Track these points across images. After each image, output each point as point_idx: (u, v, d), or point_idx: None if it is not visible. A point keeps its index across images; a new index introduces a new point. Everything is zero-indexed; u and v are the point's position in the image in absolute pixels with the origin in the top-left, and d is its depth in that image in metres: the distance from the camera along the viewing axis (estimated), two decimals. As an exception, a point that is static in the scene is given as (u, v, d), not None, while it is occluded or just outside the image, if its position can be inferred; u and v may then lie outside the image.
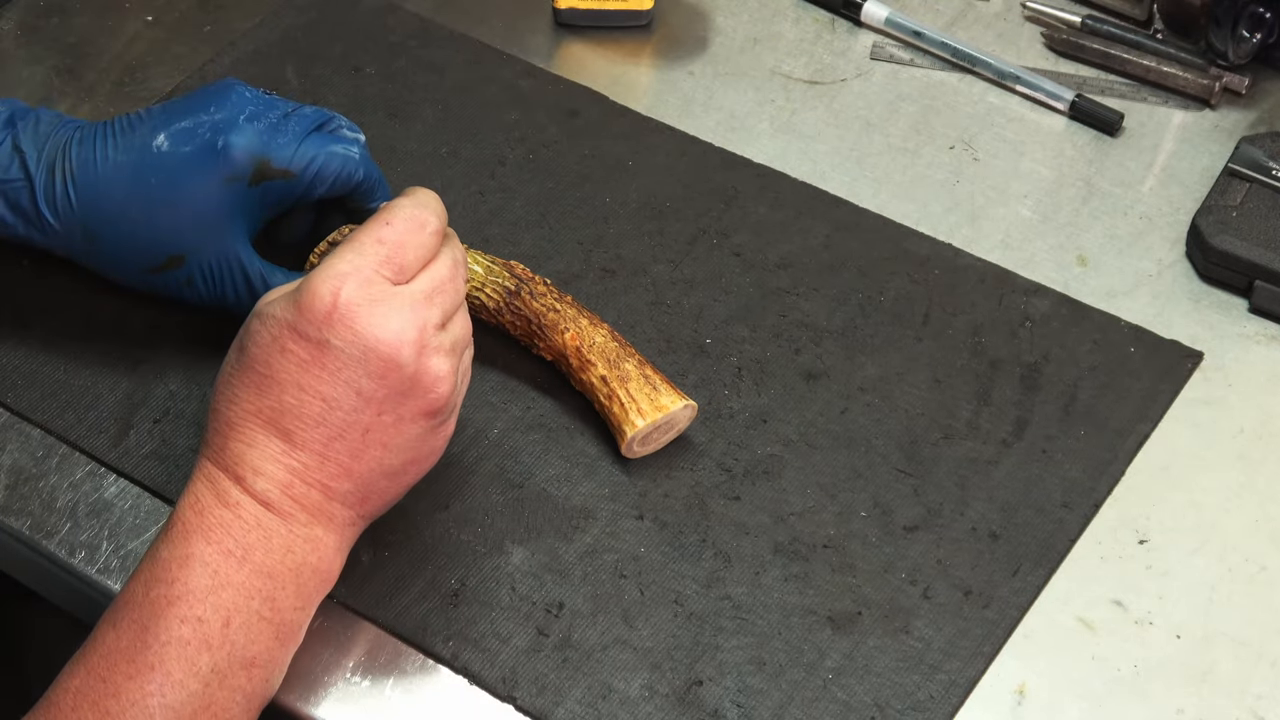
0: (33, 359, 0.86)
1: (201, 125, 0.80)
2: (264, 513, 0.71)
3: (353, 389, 0.71)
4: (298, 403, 0.71)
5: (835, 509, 0.81)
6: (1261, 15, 1.00)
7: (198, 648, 0.68)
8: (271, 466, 0.71)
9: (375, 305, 0.71)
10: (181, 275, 0.82)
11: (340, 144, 0.83)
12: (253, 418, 0.71)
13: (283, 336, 0.71)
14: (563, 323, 0.83)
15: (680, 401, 0.81)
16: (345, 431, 0.71)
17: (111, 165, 0.80)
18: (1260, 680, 0.75)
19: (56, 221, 0.81)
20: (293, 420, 0.71)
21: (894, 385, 0.86)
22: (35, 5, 1.06)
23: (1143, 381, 0.86)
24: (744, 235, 0.93)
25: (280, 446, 0.71)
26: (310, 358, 0.70)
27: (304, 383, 0.70)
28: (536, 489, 0.81)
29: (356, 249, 0.72)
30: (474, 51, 1.03)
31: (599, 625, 0.76)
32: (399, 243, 0.72)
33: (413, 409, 0.72)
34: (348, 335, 0.70)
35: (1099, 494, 0.82)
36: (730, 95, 1.02)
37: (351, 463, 0.72)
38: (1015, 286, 0.90)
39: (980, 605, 0.77)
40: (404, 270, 0.72)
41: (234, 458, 0.71)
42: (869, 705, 0.74)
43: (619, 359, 0.82)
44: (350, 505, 0.73)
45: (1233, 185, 0.93)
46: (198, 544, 0.70)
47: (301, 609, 0.72)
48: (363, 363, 0.70)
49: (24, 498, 0.81)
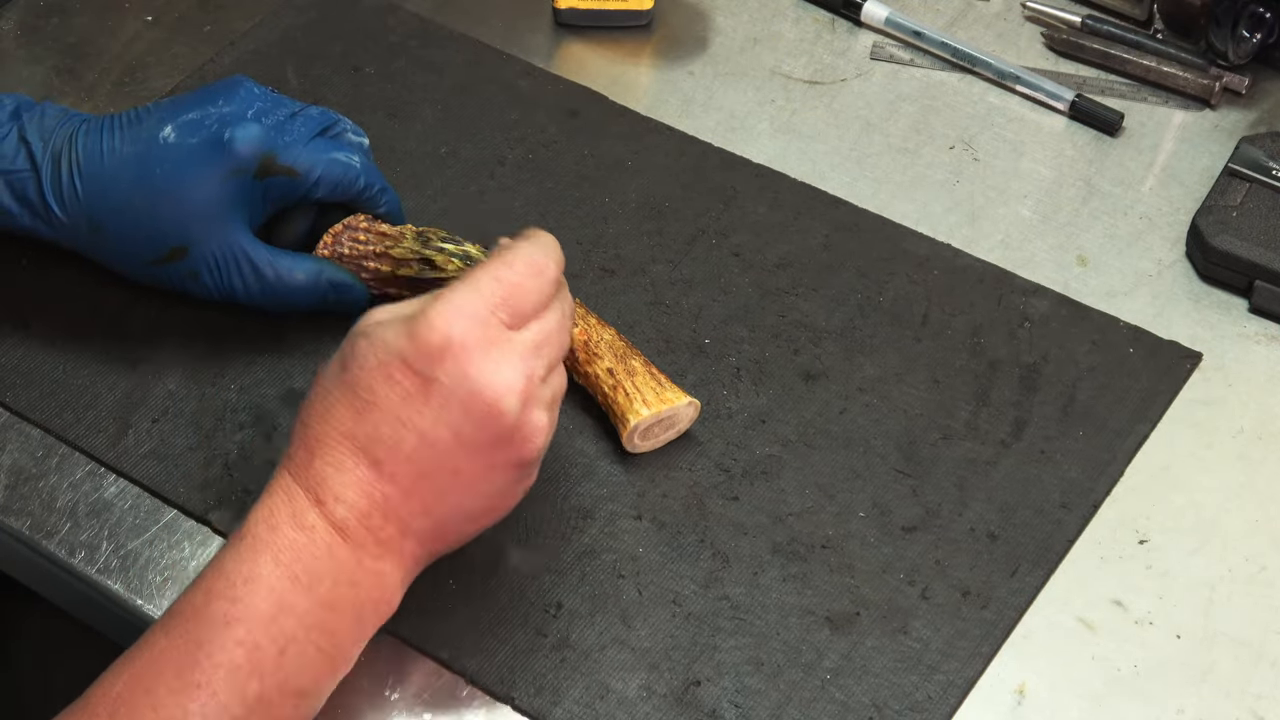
0: (31, 358, 0.86)
1: (209, 118, 0.81)
2: (337, 541, 0.69)
3: (451, 430, 0.69)
4: (394, 434, 0.69)
5: (834, 509, 0.80)
6: (1261, 15, 1.00)
7: (249, 674, 0.67)
8: (354, 494, 0.69)
9: (489, 349, 0.69)
10: (186, 267, 0.82)
11: (343, 151, 0.83)
12: (344, 440, 0.70)
13: (390, 364, 0.69)
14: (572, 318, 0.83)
15: (685, 398, 0.81)
16: (435, 471, 0.70)
17: (118, 156, 0.81)
18: (1260, 680, 0.75)
19: (62, 212, 0.81)
20: (385, 451, 0.69)
21: (893, 385, 0.85)
22: (35, 5, 1.06)
23: (1142, 382, 0.86)
24: (743, 235, 0.93)
25: (367, 475, 0.70)
26: (415, 391, 0.69)
27: (404, 415, 0.69)
28: (535, 489, 0.80)
29: (474, 286, 0.70)
30: (474, 51, 1.03)
31: (597, 625, 0.76)
32: (517, 286, 0.71)
33: (505, 458, 0.71)
34: (457, 375, 0.69)
35: (1098, 494, 0.81)
36: (730, 95, 1.02)
37: (434, 502, 0.71)
38: (1014, 287, 0.90)
39: (978, 606, 0.77)
40: (518, 316, 0.71)
41: (317, 478, 0.70)
42: (867, 705, 0.74)
43: (626, 355, 0.82)
44: (423, 543, 0.72)
45: (1233, 185, 0.93)
46: (265, 564, 0.68)
47: (358, 642, 0.71)
48: (467, 406, 0.69)
49: (24, 498, 0.81)
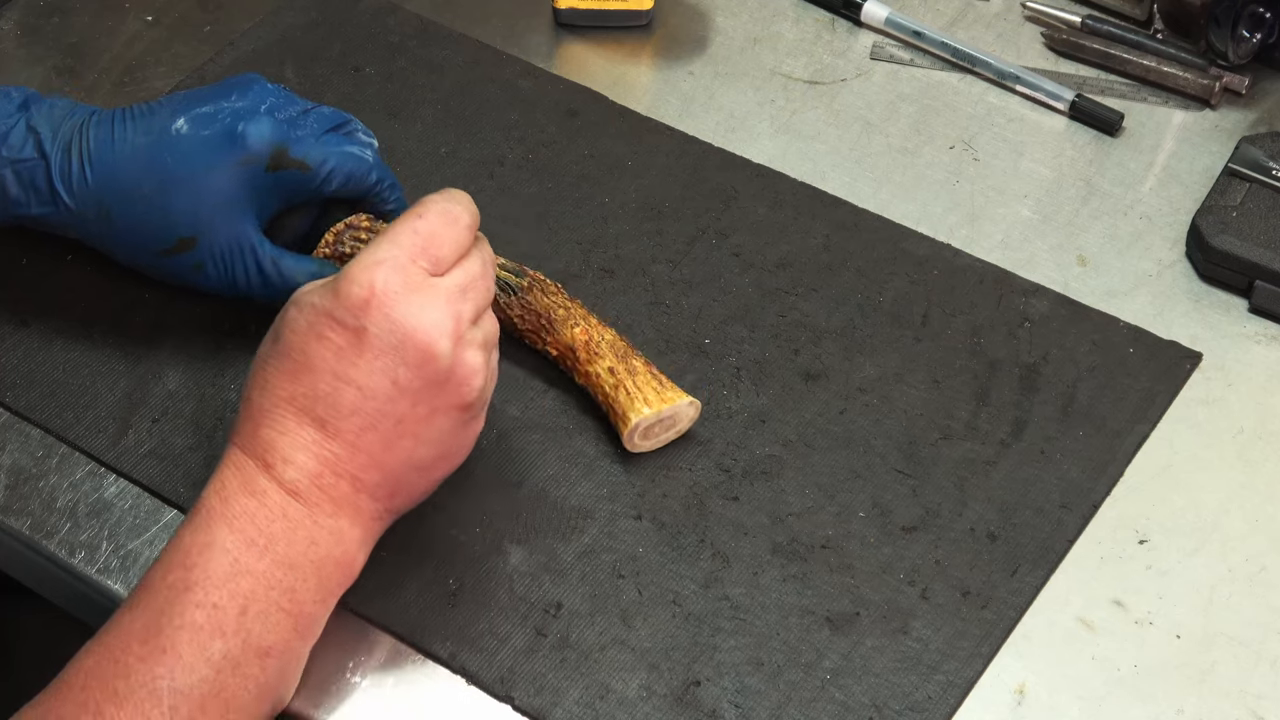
0: (31, 358, 0.86)
1: (222, 111, 0.81)
2: (290, 502, 0.71)
3: (388, 378, 0.71)
4: (332, 390, 0.70)
5: (834, 509, 0.80)
6: (1261, 15, 1.00)
7: (211, 633, 0.68)
8: (302, 455, 0.71)
9: (412, 294, 0.71)
10: (192, 259, 0.82)
11: (355, 145, 0.84)
12: (285, 405, 0.71)
13: (319, 323, 0.71)
14: (573, 319, 0.83)
15: (685, 398, 0.81)
16: (378, 421, 0.71)
17: (129, 145, 0.81)
18: (1260, 680, 0.75)
19: (71, 200, 0.81)
20: (326, 408, 0.71)
21: (893, 386, 0.85)
22: (35, 5, 1.06)
23: (1141, 382, 0.86)
24: (743, 235, 0.93)
25: (312, 435, 0.71)
26: (347, 345, 0.70)
27: (340, 370, 0.70)
28: (535, 489, 0.81)
29: (392, 239, 0.72)
30: (474, 51, 1.03)
31: (597, 625, 0.76)
32: (433, 234, 0.73)
33: (446, 401, 0.72)
34: (385, 324, 0.70)
35: (1097, 495, 0.81)
36: (730, 95, 1.02)
37: (383, 454, 0.72)
38: (1014, 287, 0.90)
39: (978, 606, 0.77)
40: (439, 262, 0.72)
41: (264, 445, 0.71)
42: (867, 706, 0.74)
43: (626, 355, 0.82)
44: (378, 499, 0.73)
45: (1233, 185, 0.93)
46: (220, 530, 0.70)
47: (321, 601, 0.72)
48: (399, 351, 0.70)
49: (24, 498, 0.81)
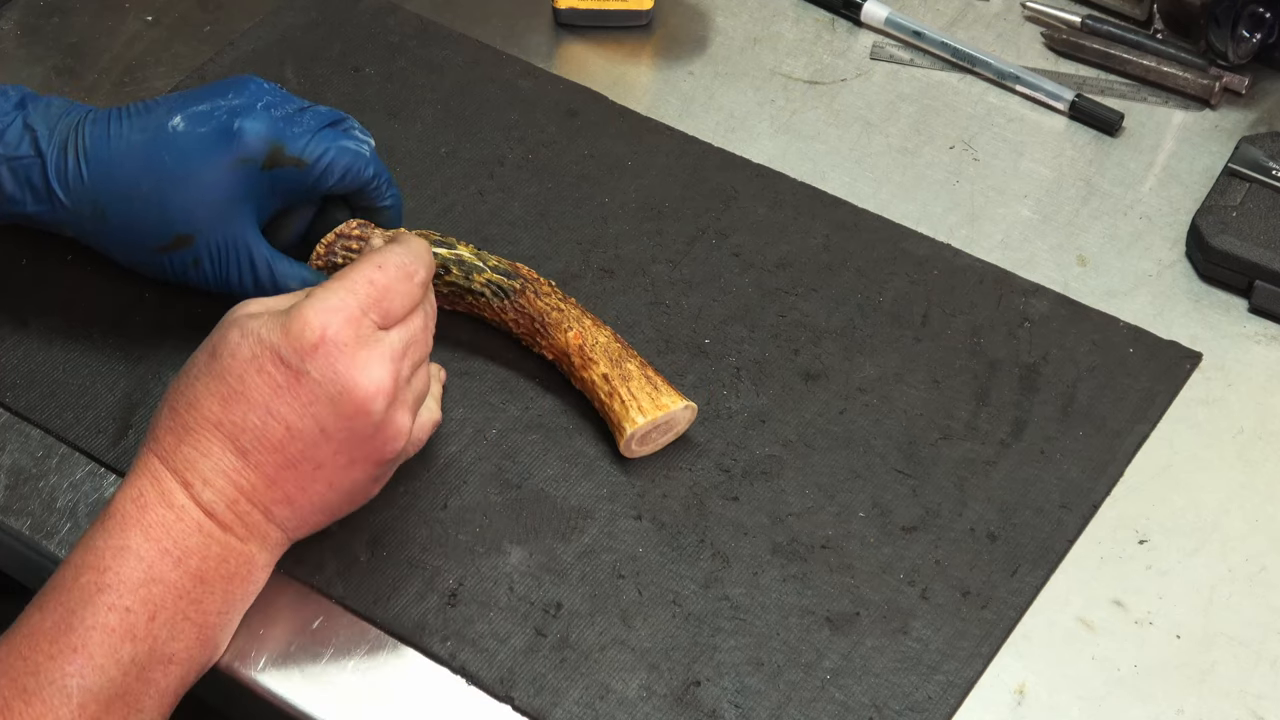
0: (31, 359, 0.86)
1: (218, 109, 0.82)
2: (205, 520, 0.71)
3: (318, 424, 0.72)
4: (261, 425, 0.71)
5: (834, 509, 0.80)
6: (1261, 15, 1.00)
7: (122, 637, 0.69)
8: (221, 480, 0.72)
9: (359, 348, 0.72)
10: (189, 256, 0.82)
11: (352, 140, 0.84)
12: (213, 428, 0.72)
13: (263, 357, 0.71)
14: (566, 321, 0.83)
15: (681, 402, 0.81)
16: (299, 462, 0.72)
17: (125, 143, 0.81)
18: (1260, 680, 0.75)
19: (67, 197, 0.81)
20: (252, 440, 0.71)
21: (893, 386, 0.85)
22: (35, 5, 1.06)
23: (1141, 382, 0.86)
24: (743, 235, 0.92)
25: (234, 463, 0.72)
26: (285, 384, 0.71)
27: (273, 407, 0.71)
28: (535, 489, 0.81)
29: (350, 287, 0.73)
30: (473, 51, 1.03)
31: (597, 625, 0.76)
32: (388, 288, 0.73)
33: (367, 456, 0.74)
34: (328, 372, 0.71)
35: (1097, 495, 0.81)
36: (730, 95, 1.02)
37: (296, 492, 0.73)
38: (1014, 287, 0.90)
39: (978, 606, 0.77)
40: (388, 316, 0.73)
41: (184, 462, 0.72)
42: (867, 706, 0.74)
43: (621, 359, 0.82)
44: (285, 529, 0.74)
45: (1233, 185, 0.93)
46: (135, 537, 0.70)
47: (225, 614, 0.73)
48: (335, 402, 0.71)
49: (24, 498, 0.81)
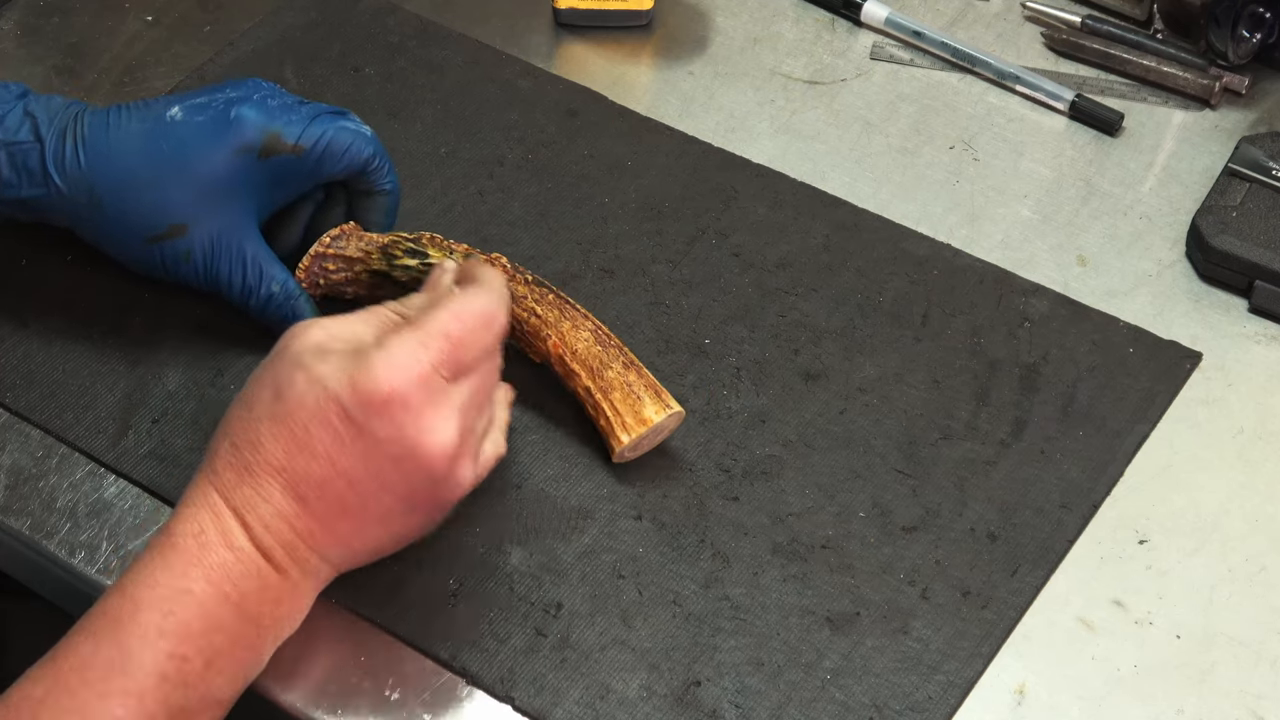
0: (31, 359, 0.86)
1: (216, 100, 0.82)
2: (263, 563, 0.71)
3: (378, 479, 0.71)
4: (324, 476, 0.70)
5: (834, 509, 0.80)
6: (1261, 15, 1.00)
7: (175, 684, 0.68)
8: (280, 525, 0.71)
9: (426, 409, 0.70)
10: (181, 247, 0.82)
11: (351, 122, 0.84)
12: (275, 473, 0.70)
13: (329, 410, 0.70)
14: (544, 329, 0.81)
15: (663, 411, 0.80)
16: (358, 514, 0.71)
17: (123, 131, 0.82)
18: (1260, 680, 0.75)
19: (63, 182, 0.81)
20: (313, 490, 0.70)
21: (893, 386, 0.85)
22: (35, 5, 1.06)
23: (1141, 382, 0.86)
24: (743, 235, 0.92)
25: (294, 509, 0.71)
26: (349, 438, 0.70)
27: (337, 460, 0.70)
28: (535, 489, 0.81)
29: (424, 340, 0.71)
30: (473, 51, 1.03)
31: (597, 626, 0.76)
32: (464, 341, 0.72)
33: (426, 504, 0.73)
34: (393, 432, 0.70)
35: (1097, 494, 0.81)
36: (730, 95, 1.02)
37: (352, 538, 0.72)
38: (1014, 287, 0.90)
39: (979, 606, 0.77)
40: (460, 370, 0.72)
41: (245, 503, 0.71)
42: (867, 706, 0.74)
43: (602, 366, 0.81)
44: (335, 565, 0.74)
45: (1233, 185, 0.93)
46: (197, 580, 0.69)
47: (269, 653, 0.72)
48: (398, 461, 0.70)
49: (24, 498, 0.81)
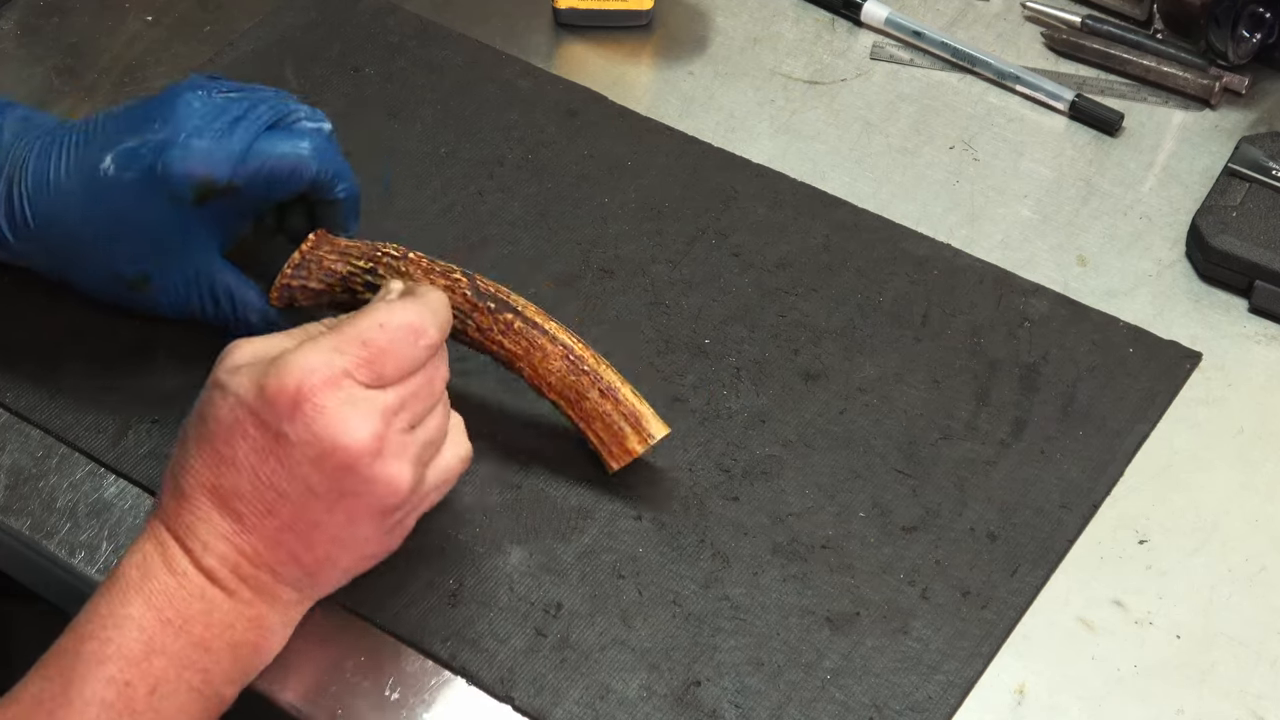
0: (32, 360, 0.86)
1: (145, 146, 0.78)
2: (208, 586, 0.70)
3: (303, 485, 0.69)
4: (252, 489, 0.69)
5: (834, 509, 0.80)
6: (1261, 15, 1.00)
7: (120, 711, 0.67)
8: (221, 544, 0.70)
9: (339, 409, 0.68)
10: (148, 296, 0.82)
11: (289, 141, 0.80)
12: (206, 493, 0.70)
13: (243, 419, 0.69)
14: (515, 362, 0.79)
15: (645, 444, 0.79)
16: (294, 523, 0.70)
17: (63, 190, 0.79)
18: (1260, 680, 0.75)
19: (15, 240, 0.81)
20: (245, 504, 0.70)
21: (893, 386, 0.85)
22: (35, 5, 1.06)
23: (1141, 382, 0.86)
24: (743, 235, 0.92)
25: (230, 526, 0.70)
26: (266, 446, 0.69)
27: (259, 469, 0.69)
28: (534, 489, 0.81)
29: (337, 345, 0.69)
30: (473, 51, 1.03)
31: (597, 625, 0.76)
32: (384, 350, 0.70)
33: (366, 509, 0.71)
34: (305, 434, 0.68)
35: (1097, 495, 0.81)
36: (730, 95, 1.02)
37: (301, 551, 0.71)
38: (1014, 287, 0.90)
39: (979, 606, 0.77)
40: (381, 378, 0.70)
41: (185, 528, 0.70)
42: (867, 706, 0.74)
43: (578, 396, 0.79)
44: (298, 589, 0.72)
45: (1233, 185, 0.93)
46: (137, 606, 0.69)
47: (233, 683, 0.71)
48: (316, 463, 0.69)
49: (24, 498, 0.81)
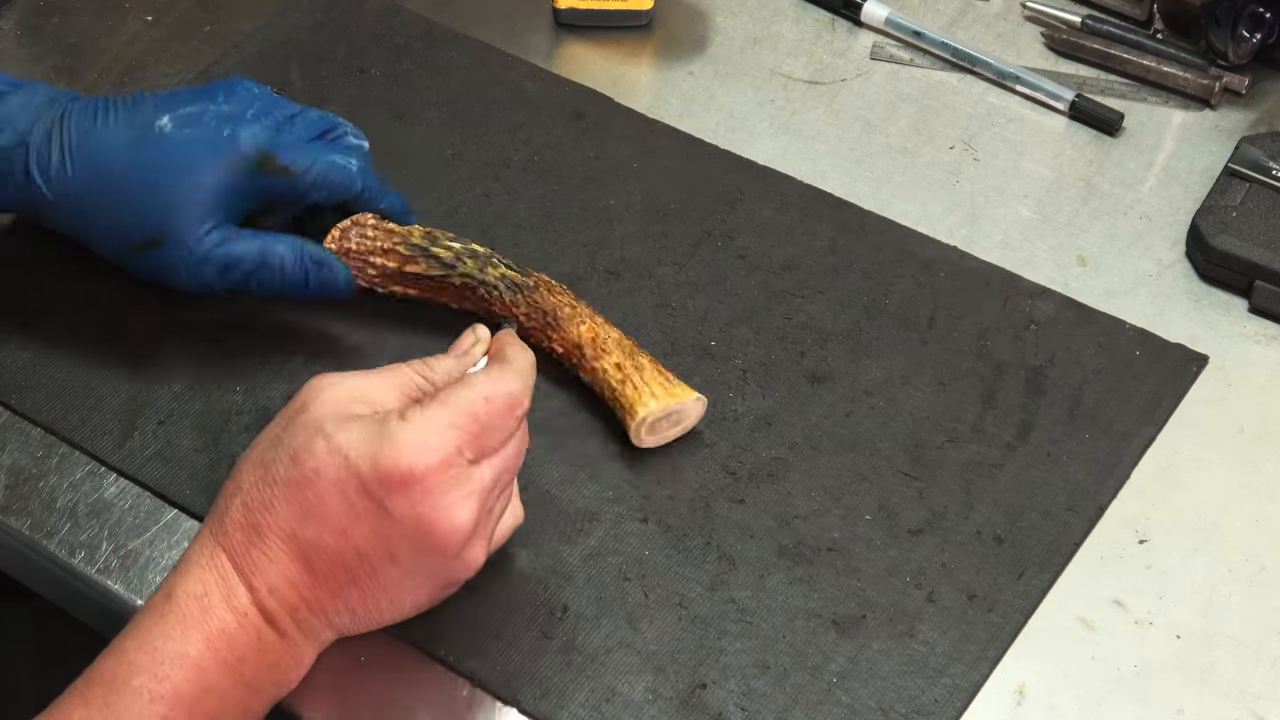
0: (36, 361, 0.86)
1: (208, 114, 0.81)
2: (265, 627, 0.70)
3: (389, 553, 0.70)
4: (335, 547, 0.70)
5: (840, 512, 0.81)
6: (1261, 15, 1.00)
7: None
8: (287, 590, 0.70)
9: (446, 493, 0.69)
10: (162, 259, 0.82)
11: (340, 154, 0.83)
12: (285, 539, 0.70)
13: (348, 483, 0.69)
14: (579, 317, 0.83)
15: (692, 394, 0.81)
16: (365, 582, 0.71)
17: (111, 137, 0.81)
18: (1260, 680, 0.76)
19: (48, 189, 0.81)
20: (322, 559, 0.70)
21: (899, 388, 0.86)
22: (35, 5, 1.06)
23: (1148, 385, 0.86)
24: (749, 238, 0.93)
25: (301, 576, 0.70)
26: (364, 512, 0.69)
27: (349, 532, 0.69)
28: (540, 491, 0.81)
29: (451, 420, 0.70)
30: (479, 53, 1.03)
31: (603, 628, 0.76)
32: (489, 426, 0.70)
33: (435, 580, 0.72)
34: (409, 512, 0.69)
35: (1104, 497, 0.82)
36: (730, 95, 1.02)
37: (358, 606, 0.72)
38: (1020, 290, 0.90)
39: (985, 609, 0.77)
40: (484, 452, 0.71)
41: (252, 566, 0.70)
42: (873, 709, 0.74)
43: (634, 353, 0.82)
44: (339, 630, 0.73)
45: (1233, 185, 0.93)
46: (195, 645, 0.69)
47: (264, 712, 0.72)
48: (412, 540, 0.70)
49: (24, 498, 0.81)
